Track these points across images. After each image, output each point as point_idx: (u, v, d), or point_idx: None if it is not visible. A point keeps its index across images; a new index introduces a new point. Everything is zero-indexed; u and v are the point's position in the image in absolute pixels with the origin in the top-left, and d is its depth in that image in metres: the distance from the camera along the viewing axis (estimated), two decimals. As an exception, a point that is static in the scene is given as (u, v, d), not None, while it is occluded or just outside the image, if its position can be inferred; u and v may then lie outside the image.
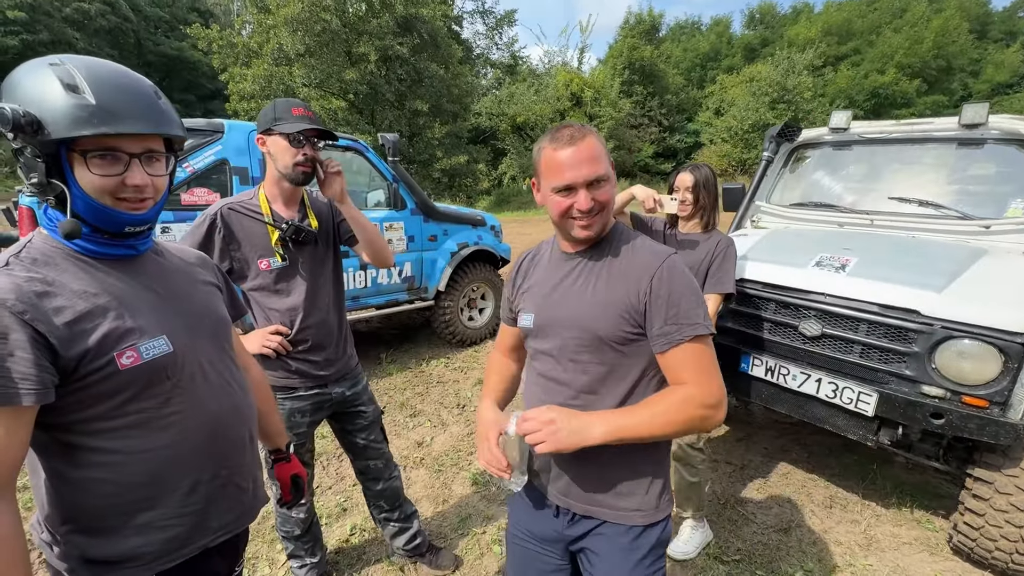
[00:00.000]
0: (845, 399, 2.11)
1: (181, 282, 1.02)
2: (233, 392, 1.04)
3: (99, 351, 0.81)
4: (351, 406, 1.87)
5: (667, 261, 1.02)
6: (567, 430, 0.96)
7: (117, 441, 0.85)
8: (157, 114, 0.85)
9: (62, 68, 0.79)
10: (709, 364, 1.01)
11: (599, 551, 1.13)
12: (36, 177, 0.78)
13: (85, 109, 0.77)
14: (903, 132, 2.91)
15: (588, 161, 0.99)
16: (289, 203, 1.65)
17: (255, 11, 16.11)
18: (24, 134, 0.75)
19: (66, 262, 0.84)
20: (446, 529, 2.37)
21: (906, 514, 2.50)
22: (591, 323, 1.04)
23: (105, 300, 0.84)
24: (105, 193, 0.82)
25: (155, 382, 0.88)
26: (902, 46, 29.68)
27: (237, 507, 1.05)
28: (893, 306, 2.02)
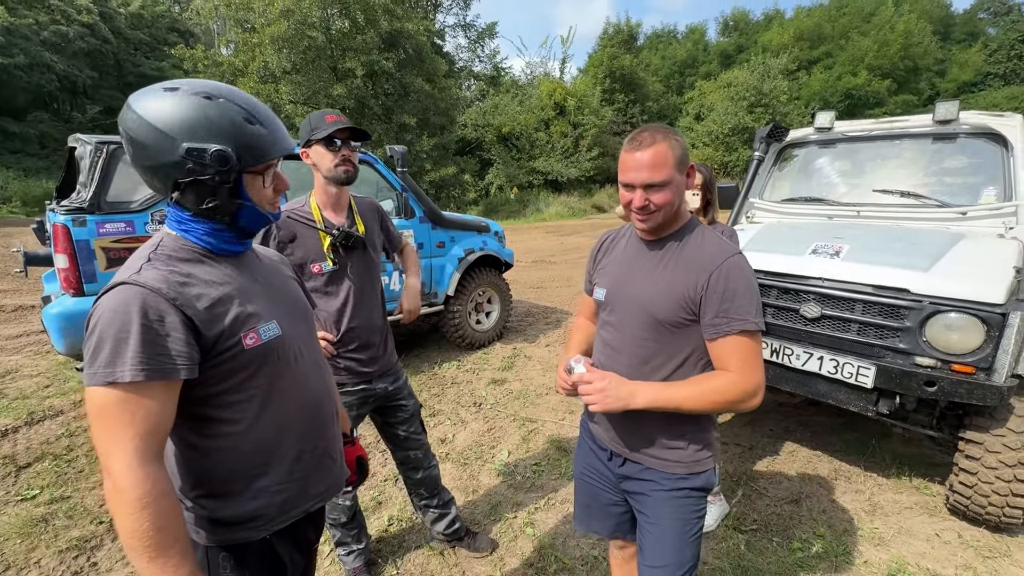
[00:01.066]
0: (846, 374, 2.29)
1: (275, 275, 1.14)
2: (324, 372, 1.17)
3: (231, 332, 0.93)
4: (393, 400, 1.99)
5: (730, 260, 1.13)
6: (615, 396, 1.13)
7: (239, 413, 0.97)
8: (287, 133, 1.01)
9: (229, 103, 0.90)
10: (753, 356, 1.13)
11: (645, 491, 1.31)
12: (216, 201, 0.90)
13: (265, 138, 0.92)
14: (882, 129, 3.14)
15: (648, 167, 1.12)
16: (337, 209, 1.78)
17: (239, 31, 16.21)
18: (226, 167, 0.88)
19: (195, 258, 0.95)
20: (479, 516, 2.49)
21: (905, 482, 2.68)
22: (651, 306, 1.19)
23: (230, 289, 0.96)
24: (266, 202, 0.99)
25: (269, 361, 0.99)
26: (871, 49, 30.78)
27: (329, 477, 1.15)
28: (885, 286, 2.22)
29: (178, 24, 28.34)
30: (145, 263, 0.88)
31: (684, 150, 1.17)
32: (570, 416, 3.51)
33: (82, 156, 2.77)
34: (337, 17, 16.00)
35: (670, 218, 1.20)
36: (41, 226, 3.60)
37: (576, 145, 22.76)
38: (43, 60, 21.37)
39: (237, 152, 0.88)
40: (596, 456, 1.43)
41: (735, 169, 24.38)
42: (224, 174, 0.88)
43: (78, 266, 2.71)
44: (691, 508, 1.27)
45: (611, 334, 1.30)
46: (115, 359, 0.79)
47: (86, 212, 2.70)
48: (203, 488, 0.98)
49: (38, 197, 15.15)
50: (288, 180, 1.02)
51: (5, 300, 6.30)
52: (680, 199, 1.19)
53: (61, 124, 21.80)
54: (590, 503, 1.48)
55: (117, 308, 0.81)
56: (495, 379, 4.14)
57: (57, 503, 2.54)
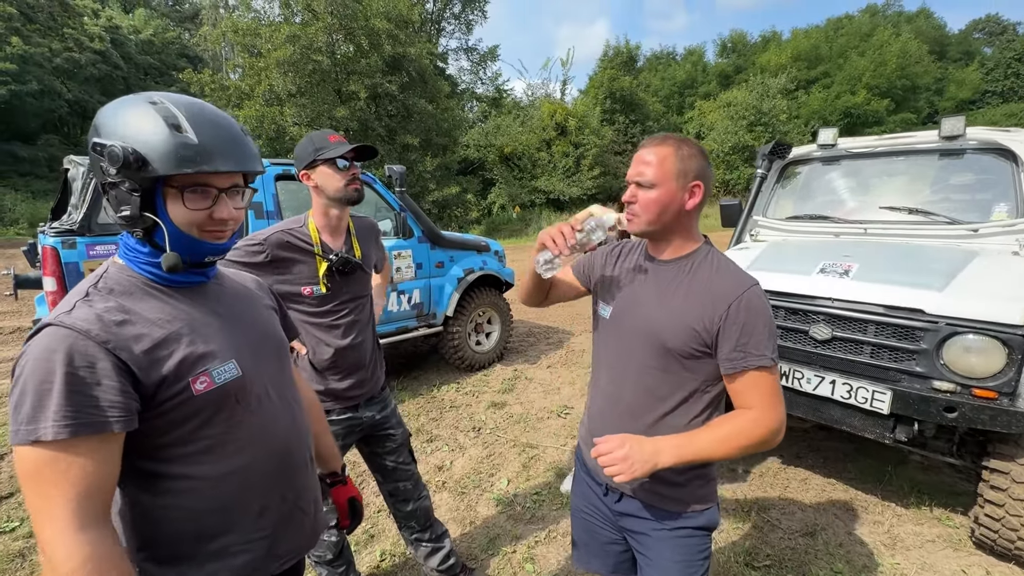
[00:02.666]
0: (860, 399, 2.18)
1: (243, 306, 1.04)
2: (295, 413, 1.06)
3: (176, 377, 0.83)
4: (381, 429, 1.90)
5: (749, 291, 1.06)
6: (640, 461, 1.00)
7: (191, 467, 0.87)
8: (246, 152, 0.89)
9: (163, 107, 0.82)
10: (773, 392, 1.06)
11: (645, 531, 1.21)
12: (129, 210, 0.81)
13: (189, 148, 0.81)
14: (888, 146, 3.09)
15: (644, 163, 1.09)
16: (336, 233, 1.72)
17: (246, 55, 16.54)
18: (129, 171, 0.78)
19: (140, 291, 0.86)
20: (476, 550, 2.36)
21: (926, 512, 2.54)
22: (661, 333, 1.11)
23: (179, 326, 0.86)
24: (194, 226, 0.86)
25: (225, 406, 0.90)
26: (868, 68, 31.10)
27: (299, 534, 1.05)
28: (898, 306, 2.12)
29: (187, 50, 29.01)
30: (81, 299, 0.80)
31: (695, 166, 1.09)
32: (572, 441, 3.39)
33: (75, 177, 2.74)
34: (342, 42, 16.32)
35: (662, 228, 1.13)
36: (33, 248, 3.56)
37: (578, 164, 22.90)
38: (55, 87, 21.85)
39: (147, 155, 0.78)
40: (592, 491, 1.34)
41: (736, 187, 24.44)
42: (128, 177, 0.79)
43: (66, 289, 2.65)
44: (695, 549, 1.18)
45: (616, 357, 1.21)
46: (37, 414, 0.70)
47: (76, 234, 2.66)
48: (149, 551, 0.87)
49: (43, 219, 15.29)
50: (234, 215, 0.90)
51: (4, 322, 6.27)
52: (672, 211, 1.10)
53: (70, 147, 22.12)
54: (588, 540, 1.38)
55: (40, 355, 0.72)
56: (495, 402, 4.03)
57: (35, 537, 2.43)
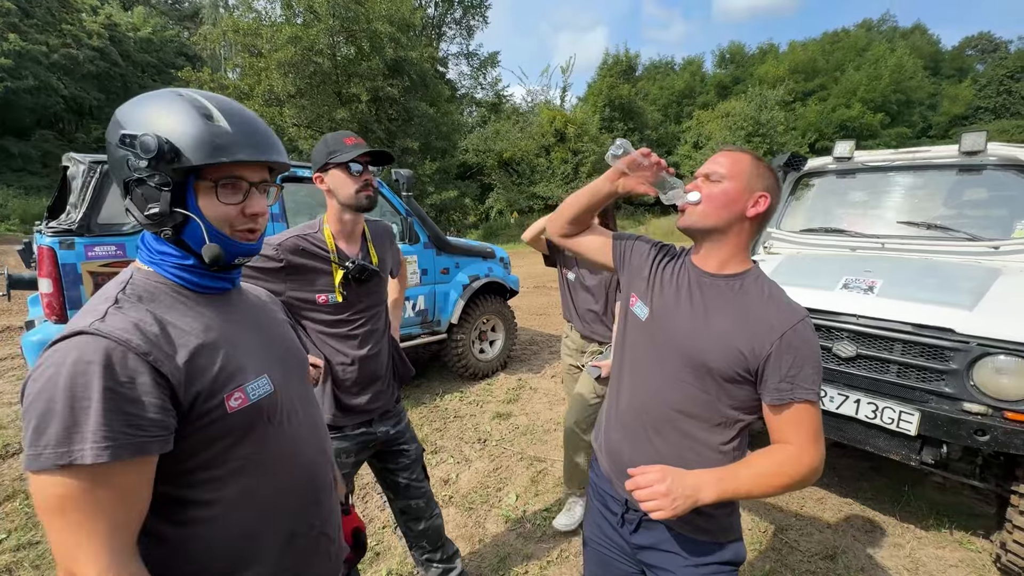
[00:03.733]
0: (886, 419, 2.12)
1: (265, 318, 0.98)
2: (320, 431, 1.00)
3: (211, 393, 0.76)
4: (395, 444, 1.82)
5: (802, 323, 1.01)
6: (682, 496, 0.94)
7: (217, 491, 0.79)
8: (275, 144, 0.83)
9: (192, 98, 0.77)
10: (815, 429, 1.01)
11: (668, 567, 1.14)
12: (159, 207, 0.75)
13: (223, 136, 0.75)
14: (906, 160, 3.05)
15: (717, 163, 1.06)
16: (351, 239, 1.64)
17: (246, 55, 16.46)
18: (160, 161, 0.72)
19: (170, 298, 0.79)
20: (485, 570, 2.28)
21: (946, 536, 2.48)
22: (705, 352, 1.04)
23: (213, 337, 0.80)
24: (227, 222, 0.80)
25: (257, 425, 0.83)
26: (863, 82, 31.50)
27: (327, 561, 0.98)
28: (927, 325, 2.07)
29: (186, 48, 28.87)
30: (112, 306, 0.72)
31: (767, 181, 1.05)
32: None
33: (74, 175, 2.64)
34: (343, 44, 16.28)
35: (714, 230, 1.07)
36: (28, 247, 3.45)
37: (576, 171, 22.95)
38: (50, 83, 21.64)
39: (180, 146, 0.72)
40: (607, 520, 1.25)
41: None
42: (160, 169, 0.72)
43: (63, 291, 2.54)
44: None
45: (646, 364, 1.14)
46: (71, 435, 0.62)
47: (75, 234, 2.56)
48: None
49: (37, 215, 15.09)
50: (265, 210, 0.84)
51: (-7, 321, 6.11)
52: (734, 216, 1.04)
53: (65, 144, 21.88)
54: (601, 574, 1.30)
55: (73, 368, 0.64)
56: (500, 412, 3.94)
57: (24, 549, 2.32)
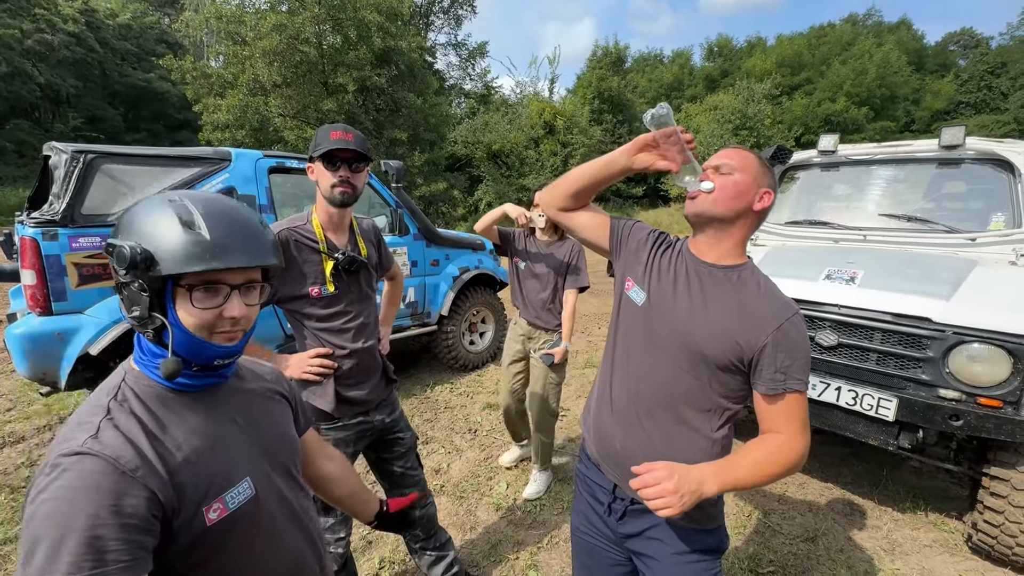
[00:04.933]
0: (865, 405, 2.19)
1: (259, 407, 0.95)
2: (306, 524, 0.97)
3: (190, 506, 0.75)
4: (390, 433, 1.83)
5: (795, 316, 1.05)
6: (688, 492, 0.96)
7: None
8: (262, 246, 0.83)
9: (180, 204, 0.79)
10: (803, 418, 1.06)
11: (654, 555, 1.17)
12: (139, 311, 0.77)
13: (199, 245, 0.75)
14: (887, 153, 3.12)
15: (727, 156, 1.09)
16: (339, 230, 1.65)
17: (230, 43, 16.10)
18: (137, 270, 0.74)
19: (159, 402, 0.79)
20: (477, 557, 2.31)
21: (922, 517, 2.58)
22: (700, 341, 1.07)
23: (198, 443, 0.79)
24: (203, 327, 0.79)
25: (236, 530, 0.81)
26: (849, 77, 31.83)
27: None
28: (905, 314, 2.14)
29: (167, 36, 28.20)
30: (104, 418, 0.72)
31: (771, 178, 1.08)
32: (570, 444, 3.36)
33: (56, 165, 2.58)
34: (330, 33, 16.00)
35: (721, 219, 1.09)
36: (9, 239, 3.38)
37: (565, 164, 22.90)
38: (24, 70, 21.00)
39: (157, 255, 0.74)
40: (593, 510, 1.28)
41: (721, 190, 24.76)
42: (136, 277, 0.74)
43: (47, 283, 2.50)
44: (705, 573, 1.15)
45: (641, 351, 1.17)
46: (51, 566, 0.61)
47: (58, 225, 2.51)
48: None
49: (13, 206, 14.69)
50: (245, 312, 0.82)
51: (-30, 314, 5.97)
52: (743, 206, 1.07)
53: (41, 133, 21.29)
54: (589, 563, 1.33)
55: (63, 495, 0.64)
56: (490, 403, 3.98)
57: (11, 543, 2.30)
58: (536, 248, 2.61)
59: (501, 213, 2.53)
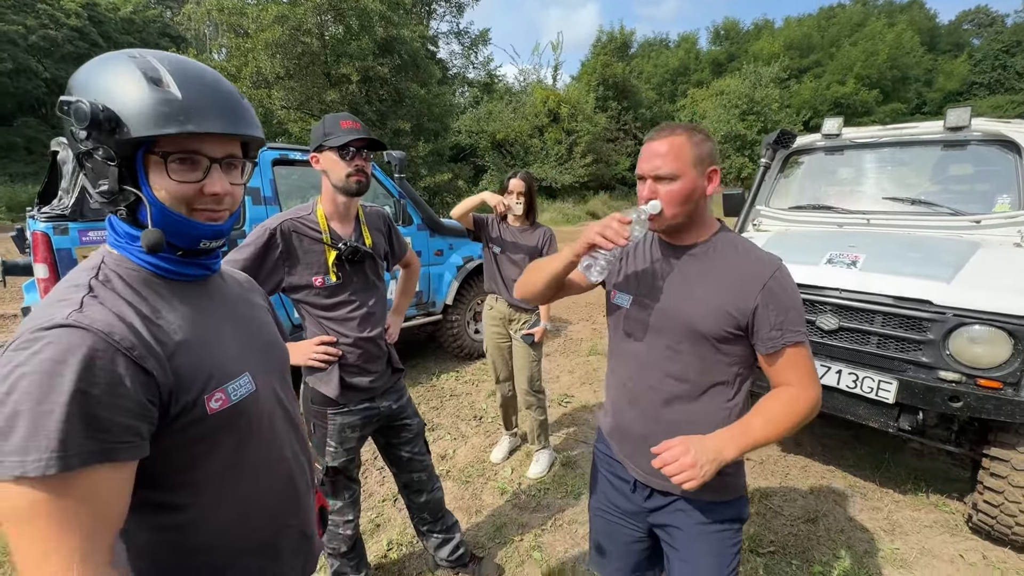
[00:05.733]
0: (866, 388, 2.21)
1: (246, 308, 0.91)
2: (299, 431, 0.96)
3: (191, 393, 0.71)
4: (397, 419, 1.87)
5: (779, 271, 1.06)
6: (707, 461, 0.99)
7: (192, 496, 0.75)
8: (243, 114, 0.74)
9: (143, 60, 0.69)
10: (809, 366, 1.07)
11: (676, 524, 1.20)
12: (107, 184, 0.67)
13: (170, 104, 0.66)
14: (892, 136, 3.09)
15: (659, 156, 1.05)
16: (344, 220, 1.67)
17: (232, 35, 16.07)
18: (100, 132, 0.64)
19: (145, 287, 0.72)
20: (482, 539, 2.37)
21: (923, 499, 2.60)
22: (693, 319, 1.09)
23: (192, 331, 0.73)
24: (182, 202, 0.71)
25: (237, 426, 0.78)
26: (859, 58, 31.26)
27: (309, 557, 0.97)
28: (906, 297, 2.14)
29: (169, 29, 28.15)
30: (87, 294, 0.65)
31: (708, 151, 1.07)
32: (574, 429, 3.41)
33: (65, 160, 2.63)
34: (331, 23, 15.92)
35: (686, 219, 1.10)
36: (21, 234, 3.45)
37: (570, 152, 22.80)
38: (29, 66, 21.12)
39: (121, 114, 0.64)
40: (615, 489, 1.31)
41: (728, 176, 24.54)
42: (101, 141, 0.65)
43: (59, 276, 2.56)
44: (728, 542, 1.18)
45: (642, 347, 1.19)
46: (33, 442, 0.55)
47: (68, 219, 2.57)
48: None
49: (23, 203, 14.87)
50: (229, 189, 0.75)
51: (-14, 309, 6.09)
52: (696, 200, 1.08)
53: (48, 129, 21.45)
54: (607, 543, 1.36)
55: (44, 366, 0.57)
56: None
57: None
58: (510, 234, 2.69)
59: (479, 201, 2.57)
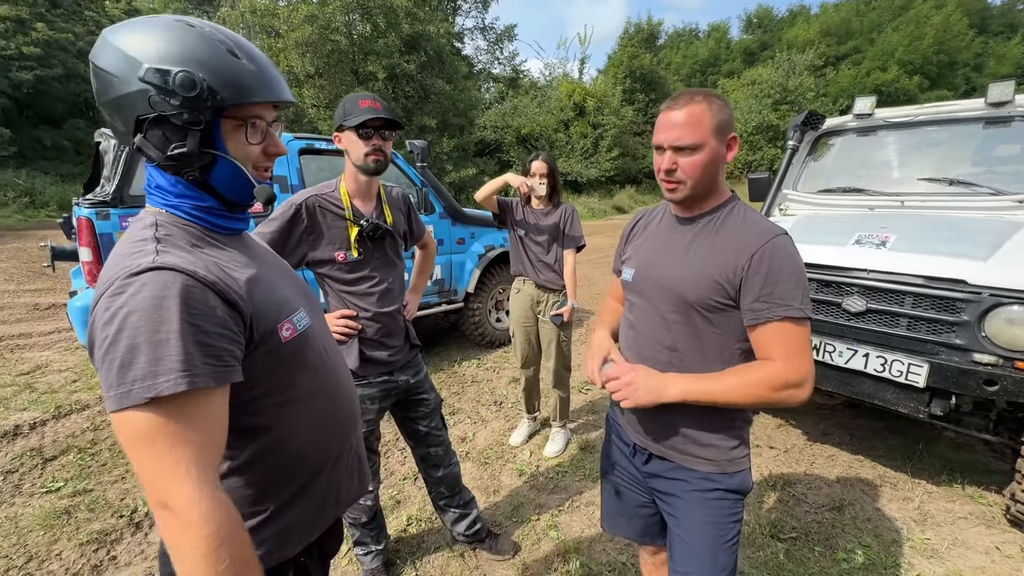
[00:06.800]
0: (895, 372, 2.13)
1: (278, 260, 1.00)
2: (345, 366, 1.06)
3: (267, 321, 0.78)
4: (415, 394, 1.92)
5: (774, 240, 1.01)
6: (644, 388, 1.04)
7: (275, 418, 0.83)
8: (284, 81, 0.82)
9: (208, 31, 0.74)
10: (798, 344, 1.00)
11: (674, 492, 1.19)
12: (187, 146, 0.72)
13: (251, 75, 0.74)
14: (929, 115, 2.96)
15: (679, 125, 1.01)
16: (366, 198, 1.72)
17: (264, 36, 16.53)
18: (199, 100, 0.70)
19: (200, 239, 0.78)
20: (500, 517, 2.40)
21: (958, 490, 2.50)
22: (680, 287, 1.08)
23: (254, 271, 0.80)
24: (249, 162, 0.79)
25: (305, 355, 0.86)
26: (902, 43, 29.82)
27: (361, 479, 1.06)
28: (939, 277, 2.05)
29: (206, 33, 29.18)
30: (156, 245, 0.71)
31: (727, 117, 1.05)
32: (592, 416, 3.40)
33: (106, 150, 2.78)
34: (359, 21, 16.19)
35: (704, 190, 1.08)
36: (67, 221, 3.65)
37: (596, 146, 22.55)
38: (78, 70, 22.20)
39: (212, 83, 0.70)
40: (620, 451, 1.33)
41: (759, 168, 23.83)
42: (193, 107, 0.70)
43: (101, 259, 2.71)
44: (726, 511, 1.15)
45: (640, 317, 1.20)
46: (155, 368, 0.62)
47: (109, 205, 2.71)
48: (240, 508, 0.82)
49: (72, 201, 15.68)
50: (281, 147, 0.84)
51: (40, 298, 6.47)
52: (716, 170, 1.07)
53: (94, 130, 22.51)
54: (616, 503, 1.38)
55: (148, 304, 0.63)
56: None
57: (80, 496, 2.54)
58: (533, 216, 2.71)
59: (503, 183, 2.59)
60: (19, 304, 6.08)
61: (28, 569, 2.07)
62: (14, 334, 4.94)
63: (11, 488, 2.58)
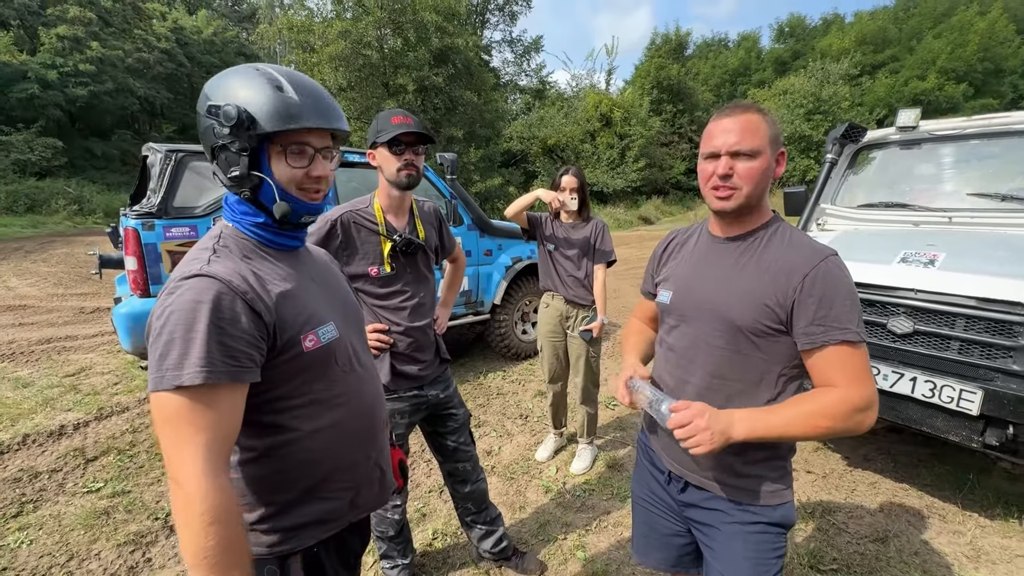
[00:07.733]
0: (945, 398, 2.03)
1: (329, 274, 1.09)
2: (375, 377, 1.12)
3: (292, 332, 0.88)
4: (444, 408, 1.92)
5: (826, 261, 0.97)
6: (718, 432, 0.94)
7: (295, 420, 0.92)
8: (335, 112, 0.92)
9: (266, 72, 0.88)
10: (860, 368, 0.96)
11: (713, 523, 1.14)
12: (238, 170, 0.85)
13: (293, 106, 0.85)
14: (978, 127, 2.83)
15: (738, 131, 0.99)
16: (399, 213, 1.74)
17: (300, 51, 17.12)
18: (240, 129, 0.82)
19: (253, 251, 0.91)
20: (526, 535, 2.36)
21: (1014, 525, 2.34)
22: (727, 311, 1.04)
23: (290, 286, 0.91)
24: (293, 183, 0.89)
25: (326, 365, 0.95)
26: (943, 51, 28.80)
27: (381, 487, 1.11)
28: (994, 299, 1.95)
29: (244, 48, 30.32)
30: (212, 255, 0.85)
31: (778, 132, 1.02)
32: (620, 433, 3.34)
33: (153, 163, 2.90)
34: (390, 36, 16.61)
35: (756, 201, 1.04)
36: (115, 231, 3.82)
37: (622, 156, 22.45)
38: (127, 85, 23.40)
39: (256, 114, 0.83)
40: (654, 478, 1.28)
41: (792, 180, 23.25)
42: (238, 136, 0.82)
43: (146, 268, 2.82)
44: (768, 546, 1.09)
45: (682, 342, 1.15)
46: (183, 361, 0.74)
47: (155, 216, 2.83)
48: (251, 497, 0.93)
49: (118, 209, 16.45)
50: (328, 174, 0.93)
51: (86, 302, 6.78)
52: (768, 183, 1.03)
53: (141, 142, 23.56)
54: (648, 532, 1.32)
55: (187, 305, 0.76)
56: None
57: (118, 497, 2.62)
58: (563, 231, 2.69)
59: (534, 198, 2.58)
60: (66, 307, 6.39)
61: (69, 567, 2.14)
62: (61, 336, 5.18)
63: (55, 487, 2.69)
